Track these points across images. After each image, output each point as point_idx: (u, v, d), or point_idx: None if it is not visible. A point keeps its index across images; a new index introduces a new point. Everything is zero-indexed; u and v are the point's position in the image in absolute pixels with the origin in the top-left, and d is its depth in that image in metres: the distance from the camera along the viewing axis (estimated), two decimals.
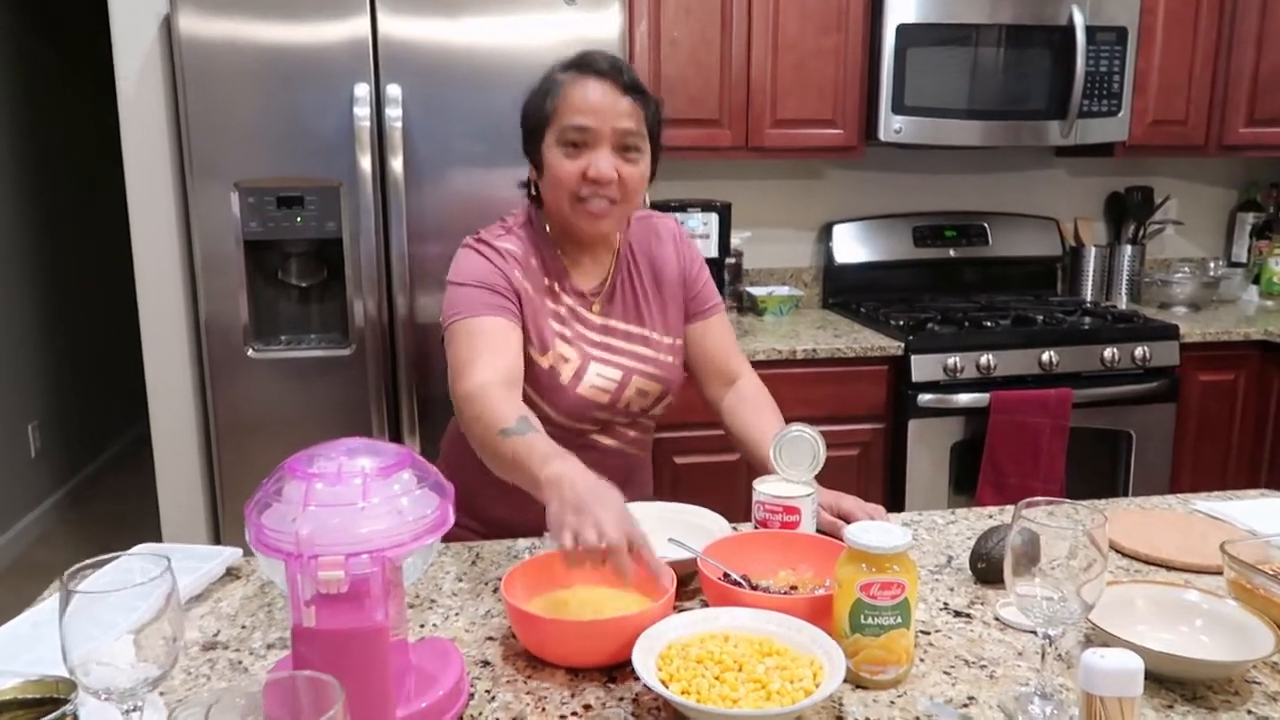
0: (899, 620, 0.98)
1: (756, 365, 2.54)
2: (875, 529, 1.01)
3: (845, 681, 0.99)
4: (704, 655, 0.96)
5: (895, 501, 2.74)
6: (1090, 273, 3.31)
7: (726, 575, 1.15)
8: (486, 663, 1.05)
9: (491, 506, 1.51)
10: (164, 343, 2.47)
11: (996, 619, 1.14)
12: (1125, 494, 2.85)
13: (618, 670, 1.02)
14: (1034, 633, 1.01)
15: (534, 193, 1.49)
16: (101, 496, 4.36)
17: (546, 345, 1.43)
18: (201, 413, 2.48)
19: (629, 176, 1.38)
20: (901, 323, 2.79)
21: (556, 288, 1.47)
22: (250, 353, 2.34)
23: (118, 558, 0.89)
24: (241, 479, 2.39)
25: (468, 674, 1.02)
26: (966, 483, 2.74)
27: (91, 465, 4.50)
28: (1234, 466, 2.96)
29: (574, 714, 0.95)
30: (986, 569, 1.22)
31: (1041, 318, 2.85)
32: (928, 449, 2.71)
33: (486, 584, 1.25)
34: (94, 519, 4.12)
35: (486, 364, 1.33)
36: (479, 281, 1.40)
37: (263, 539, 0.88)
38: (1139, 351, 2.77)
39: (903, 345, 2.67)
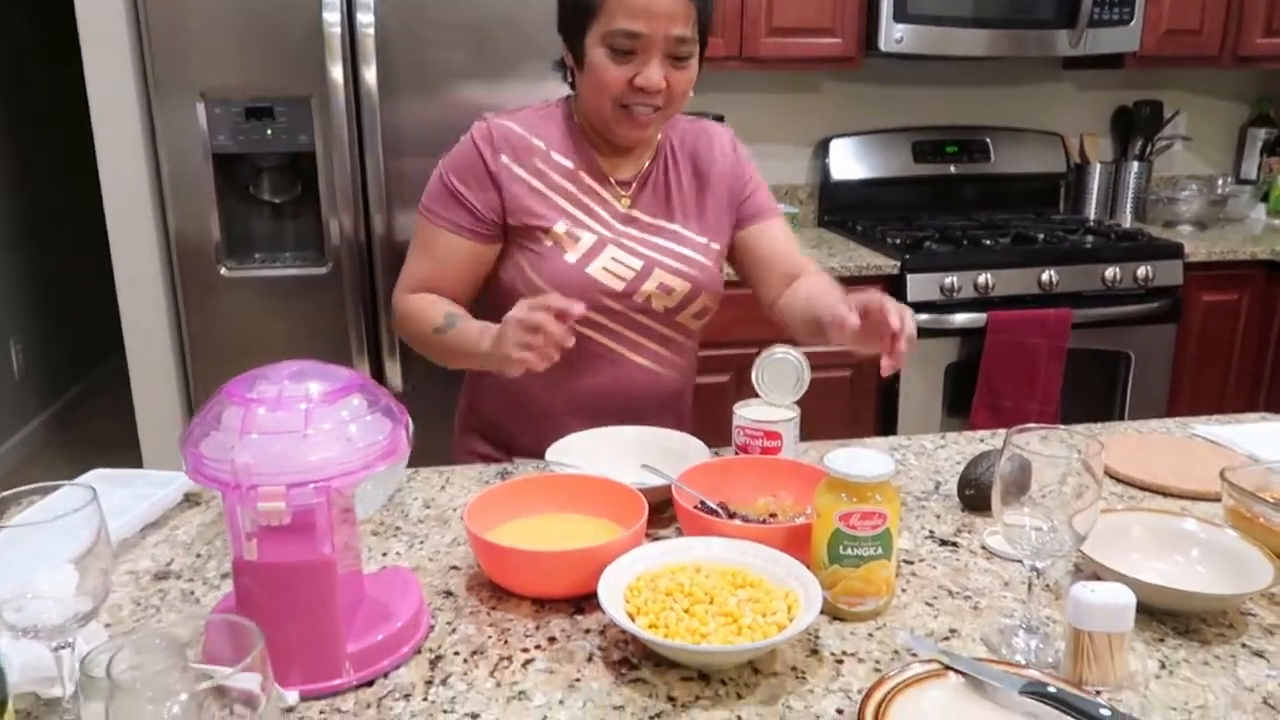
0: (879, 551, 0.93)
1: (743, 286, 2.48)
2: (857, 457, 0.95)
3: (823, 613, 0.95)
4: (674, 587, 0.91)
5: (887, 425, 2.70)
6: (1094, 190, 3.21)
7: (702, 503, 1.10)
8: (449, 593, 1.01)
9: (515, 436, 1.47)
10: (135, 262, 2.39)
11: (983, 548, 1.10)
12: (1121, 417, 2.81)
13: (585, 601, 0.97)
14: (1021, 562, 0.96)
15: (569, 78, 1.41)
16: (87, 418, 4.32)
17: (547, 223, 1.36)
18: (176, 334, 2.42)
19: (678, 83, 1.31)
20: (898, 241, 2.71)
21: (582, 172, 1.40)
22: (223, 271, 2.27)
23: (59, 487, 0.83)
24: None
25: (428, 605, 0.98)
26: (961, 405, 2.69)
27: (76, 387, 4.46)
28: (1233, 389, 2.91)
29: (538, 647, 0.91)
30: (975, 496, 1.17)
31: (1042, 236, 2.77)
32: (922, 371, 2.66)
33: (455, 510, 1.20)
34: (80, 441, 4.09)
35: (423, 279, 1.41)
36: (451, 177, 1.38)
37: (200, 469, 0.82)
38: (1141, 271, 2.69)
39: (899, 264, 2.60)
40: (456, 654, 0.90)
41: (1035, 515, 0.88)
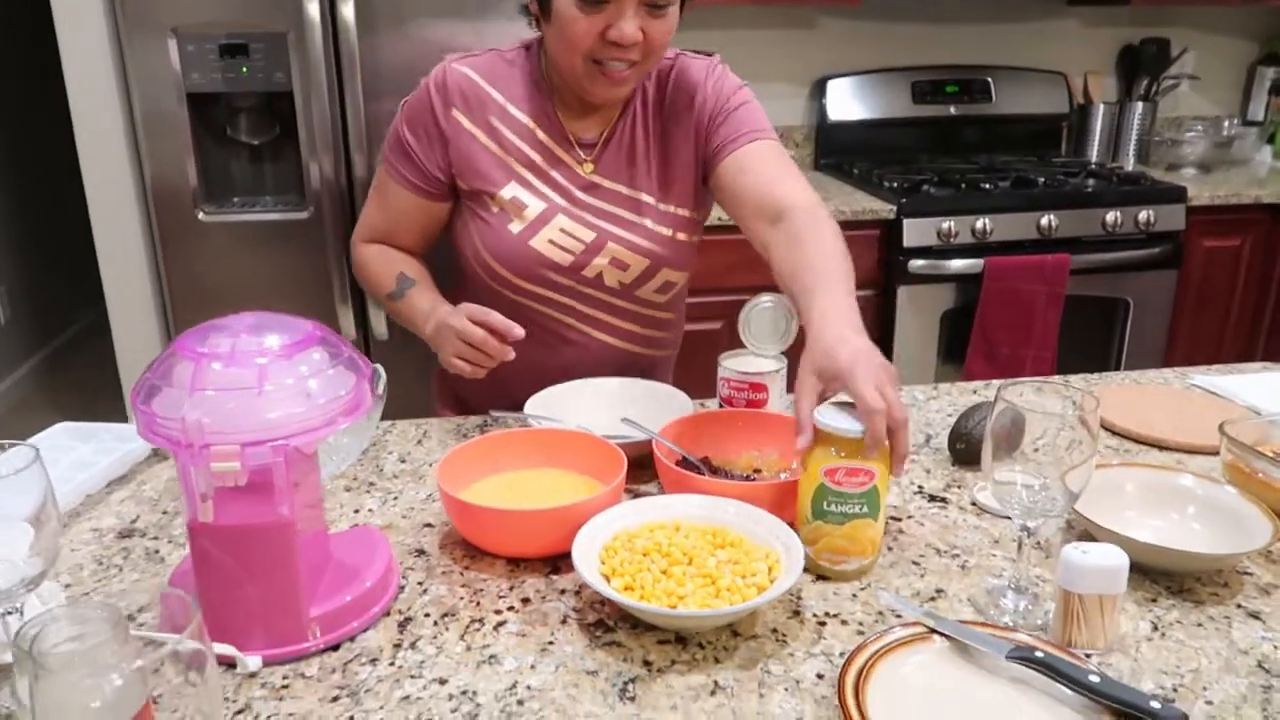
0: (865, 509, 0.90)
1: (737, 230, 2.41)
2: (847, 411, 0.91)
3: (806, 571, 0.92)
4: (651, 547, 0.88)
5: None
6: (1097, 132, 3.13)
7: (684, 459, 1.06)
8: (421, 552, 0.98)
9: (471, 393, 1.42)
10: (111, 207, 2.33)
11: (973, 504, 1.07)
12: (1118, 364, 2.77)
13: (562, 560, 0.94)
14: (1011, 519, 0.93)
15: (536, 25, 1.27)
16: (74, 366, 4.28)
17: (494, 188, 1.28)
18: (156, 280, 2.36)
19: (655, 34, 1.17)
20: (895, 184, 2.64)
21: (540, 131, 1.29)
22: (201, 216, 2.20)
23: (8, 447, 0.79)
24: None
25: (399, 565, 0.95)
26: (956, 352, 2.65)
27: (63, 334, 4.41)
28: (1231, 336, 2.87)
29: (511, 608, 0.88)
30: (966, 450, 1.14)
31: (1043, 179, 2.70)
32: (917, 317, 2.61)
33: (431, 465, 1.17)
34: (66, 388, 4.06)
35: (376, 230, 1.38)
36: (403, 127, 1.31)
37: (152, 427, 0.78)
38: (1143, 215, 2.63)
39: (895, 208, 2.54)
40: (427, 616, 0.87)
41: (1027, 472, 0.85)
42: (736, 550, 0.88)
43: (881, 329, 2.63)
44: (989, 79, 3.10)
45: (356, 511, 1.06)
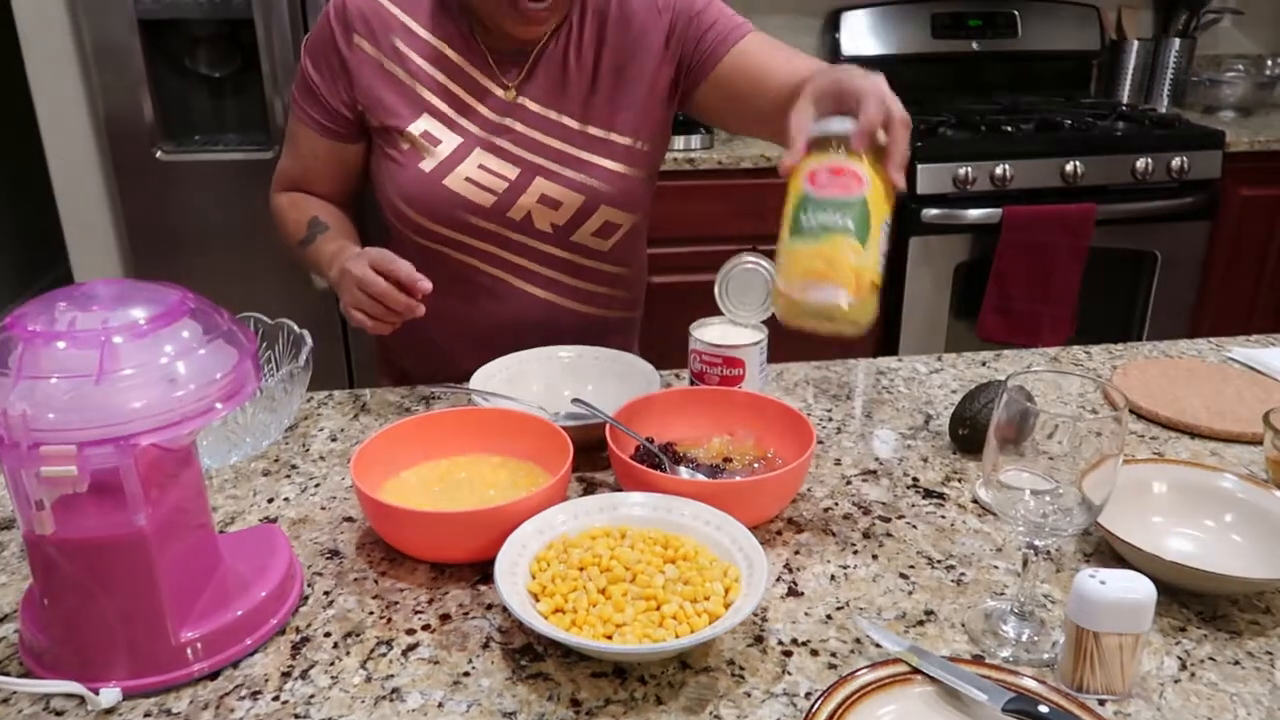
0: (847, 224, 0.74)
1: (736, 175, 2.25)
2: (844, 119, 0.79)
3: (779, 317, 0.81)
4: (589, 560, 0.75)
5: (890, 328, 2.51)
6: (1130, 70, 2.92)
7: (644, 445, 0.93)
8: (335, 553, 0.85)
9: (400, 356, 1.29)
10: (68, 146, 2.19)
11: (975, 501, 0.93)
12: (1143, 323, 2.61)
13: (492, 566, 0.81)
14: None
15: None
16: None
17: (402, 122, 1.13)
18: (117, 225, 2.23)
19: None
20: (910, 127, 2.45)
21: (452, 53, 1.13)
22: (160, 155, 2.06)
23: None
24: None
25: (303, 570, 0.82)
26: (969, 309, 2.49)
27: (23, 297, 4.25)
28: (1266, 293, 2.69)
29: (426, 627, 0.75)
30: (970, 436, 1.00)
31: (1069, 122, 2.51)
32: (929, 270, 2.45)
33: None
34: None
35: (288, 174, 1.25)
36: (306, 61, 1.16)
37: None
38: (1176, 161, 2.44)
39: (909, 153, 2.35)
40: (327, 636, 0.75)
41: (1036, 473, 0.70)
42: (689, 566, 0.74)
43: (890, 282, 2.47)
44: (1015, 12, 2.88)
45: (270, 501, 0.93)
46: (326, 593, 0.80)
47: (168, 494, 0.70)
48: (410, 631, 0.75)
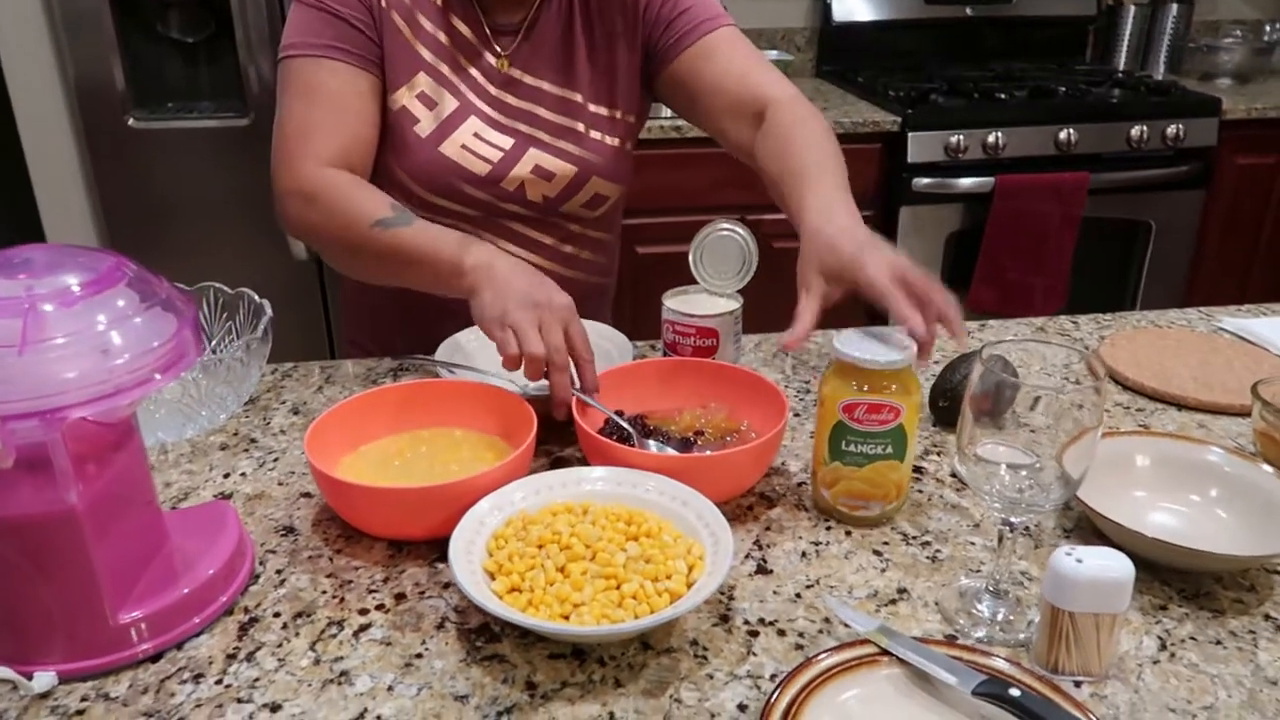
0: (889, 450, 0.78)
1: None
2: (872, 338, 0.79)
3: (821, 513, 0.83)
4: (548, 537, 0.72)
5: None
6: (1127, 36, 2.87)
7: (613, 418, 0.90)
8: (290, 530, 0.82)
9: (389, 328, 1.25)
10: (39, 116, 2.14)
11: (954, 475, 0.90)
12: (1135, 293, 2.58)
13: None
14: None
15: None
16: None
17: (398, 80, 1.07)
18: (91, 196, 2.18)
19: None
20: (901, 94, 2.41)
21: (455, 18, 1.08)
22: (132, 122, 2.02)
23: None
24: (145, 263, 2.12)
25: (254, 548, 0.79)
26: (961, 279, 2.46)
27: None
28: (1261, 265, 2.66)
29: (380, 607, 0.73)
30: (950, 409, 0.97)
31: (1063, 89, 2.47)
32: (920, 240, 2.41)
33: None
34: None
35: (326, 140, 1.01)
36: None
37: None
38: (1172, 129, 2.40)
39: (900, 120, 2.31)
40: (276, 616, 0.72)
41: (1013, 447, 0.68)
42: (652, 544, 0.71)
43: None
44: None
45: (226, 476, 0.90)
46: (279, 571, 0.77)
47: (105, 469, 0.67)
48: (363, 611, 0.72)
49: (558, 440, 0.95)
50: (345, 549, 0.80)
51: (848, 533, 0.81)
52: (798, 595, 0.74)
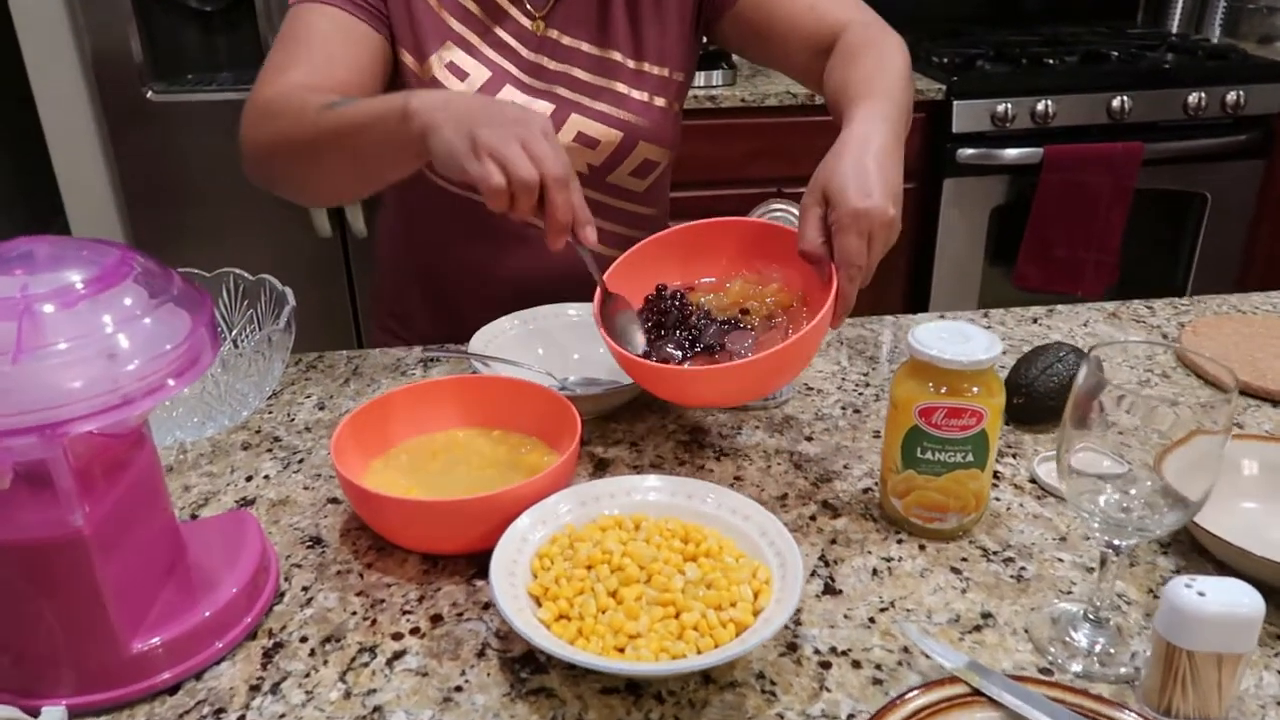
0: (969, 459, 0.71)
1: (760, 113, 2.11)
2: (952, 333, 0.71)
3: (893, 525, 0.76)
4: (598, 557, 0.65)
5: (920, 275, 2.39)
6: None
7: (655, 297, 0.84)
8: (317, 541, 0.76)
9: (419, 316, 1.18)
10: (56, 90, 2.07)
11: (1033, 481, 0.83)
12: (1189, 270, 2.47)
13: (490, 558, 0.72)
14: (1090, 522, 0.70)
15: None
16: None
17: (426, 49, 1.00)
18: (111, 171, 2.12)
19: None
20: (945, 60, 2.31)
21: None
22: (151, 95, 1.95)
23: None
24: (164, 244, 2.07)
25: (279, 563, 0.73)
26: (1006, 254, 2.37)
27: None
28: None
29: (415, 630, 0.67)
30: (1025, 406, 0.89)
31: (1116, 54, 2.35)
32: (964, 213, 2.32)
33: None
34: None
35: (298, 75, 0.92)
36: None
37: None
38: (1231, 96, 2.28)
39: (944, 88, 2.21)
40: (304, 641, 0.66)
41: (1103, 450, 0.61)
42: (713, 566, 0.65)
43: (923, 226, 2.35)
44: None
45: (249, 479, 0.84)
46: (305, 588, 0.71)
47: (115, 484, 0.61)
48: (397, 636, 0.66)
49: (602, 440, 0.88)
50: (376, 562, 0.74)
51: (921, 547, 0.74)
52: (871, 620, 0.67)
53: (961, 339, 0.71)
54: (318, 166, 0.89)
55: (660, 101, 1.06)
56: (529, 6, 1.03)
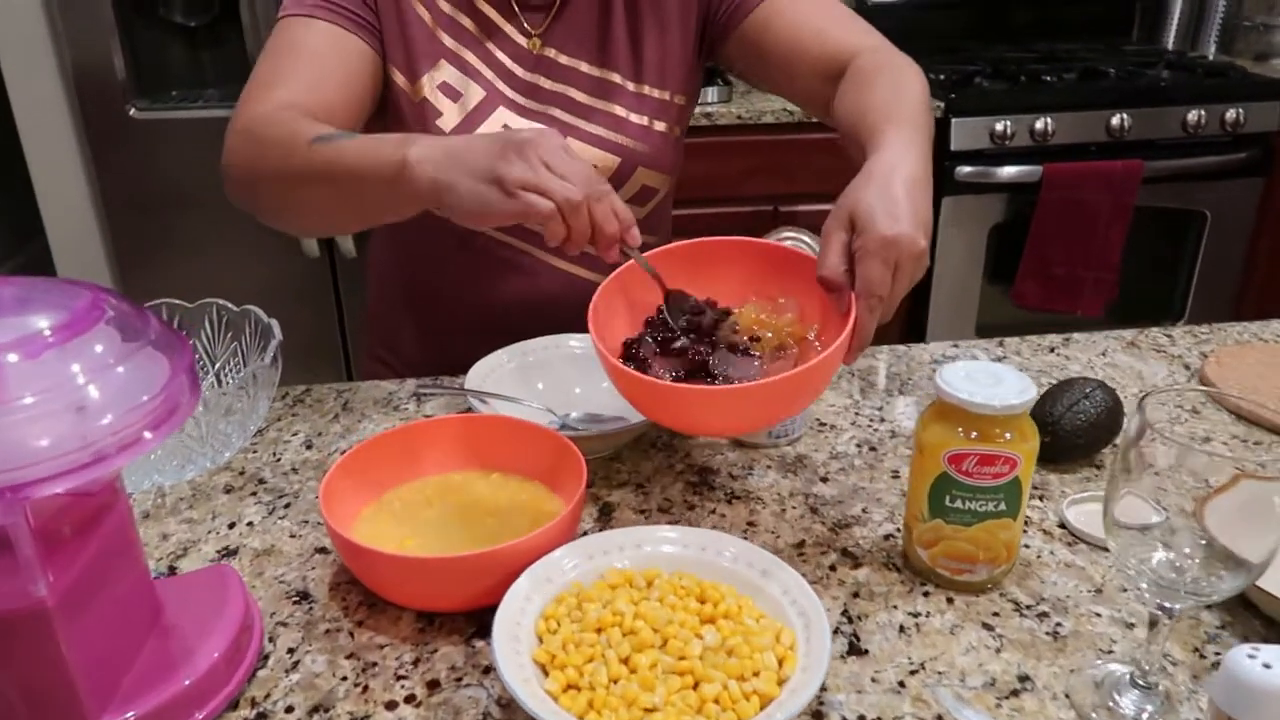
0: (1002, 507, 0.67)
1: (757, 130, 2.08)
2: (983, 375, 0.67)
3: (917, 576, 0.72)
4: (609, 618, 0.61)
5: (919, 294, 2.36)
6: (1176, 14, 2.72)
7: (655, 318, 0.78)
8: (304, 595, 0.71)
9: (410, 345, 1.14)
10: (36, 107, 2.02)
11: (1062, 526, 0.78)
12: (1188, 288, 2.45)
13: (492, 615, 0.67)
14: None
15: None
16: None
17: (418, 70, 0.96)
18: (92, 191, 2.07)
19: None
20: (942, 78, 2.28)
21: None
22: (134, 113, 1.90)
23: None
24: (147, 266, 2.02)
25: (263, 622, 0.68)
26: (1004, 273, 2.34)
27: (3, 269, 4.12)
28: None
29: (410, 699, 0.62)
30: (1052, 446, 0.85)
31: (1113, 71, 2.33)
32: (962, 232, 2.29)
33: (345, 452, 0.89)
34: None
35: (287, 92, 0.87)
36: None
37: None
38: (1231, 114, 2.27)
39: (942, 105, 2.18)
40: (289, 711, 0.61)
41: (1140, 494, 0.57)
42: (734, 630, 0.60)
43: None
44: None
45: (232, 526, 0.79)
46: (291, 650, 0.66)
47: (84, 546, 0.56)
48: (390, 705, 0.61)
49: (606, 481, 0.84)
50: (368, 620, 0.69)
51: (950, 600, 0.70)
52: (901, 684, 0.63)
53: (992, 380, 0.67)
54: (307, 203, 0.85)
55: (660, 126, 1.02)
56: (526, 24, 0.99)
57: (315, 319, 2.06)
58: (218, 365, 0.94)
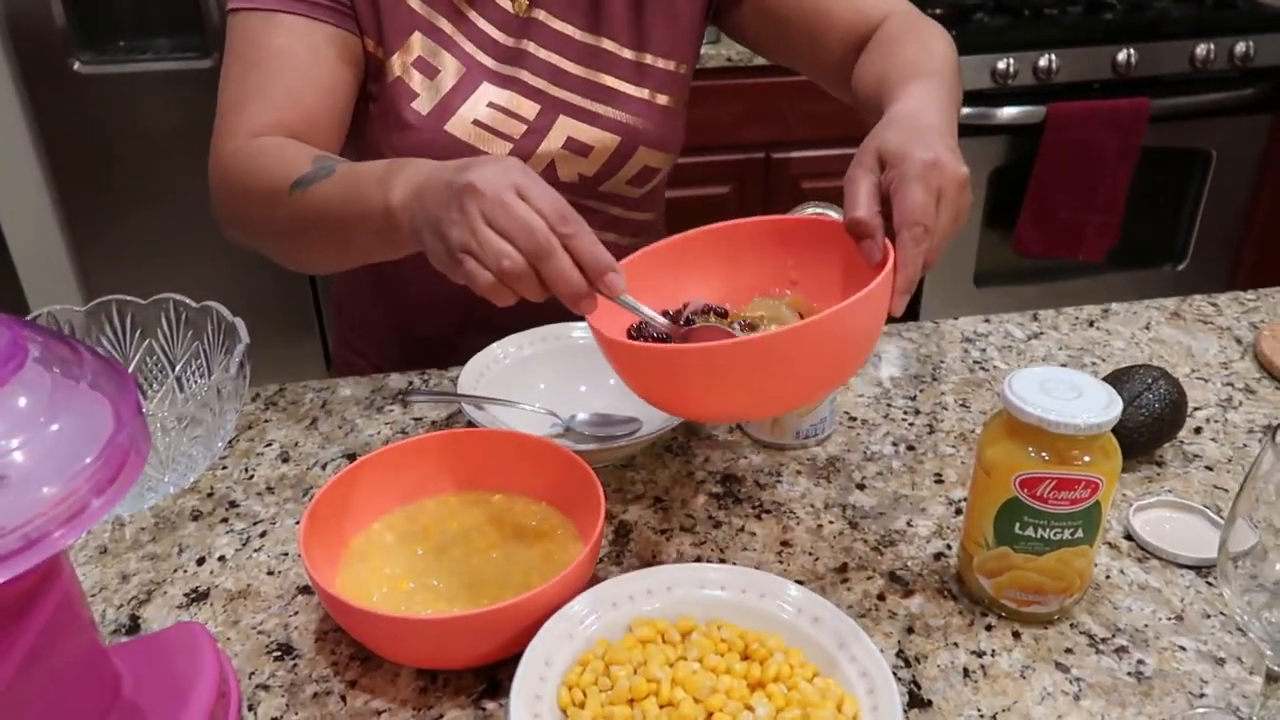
0: (1080, 534, 0.60)
1: (753, 73, 1.97)
2: (1054, 384, 0.59)
3: (976, 603, 0.65)
4: (643, 688, 0.53)
5: None
6: None
7: (638, 329, 0.66)
8: (287, 650, 0.63)
9: (381, 335, 1.03)
10: None
11: (1129, 538, 0.71)
12: (1190, 230, 2.38)
13: (501, 670, 0.59)
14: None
15: None
16: None
17: (392, 44, 0.84)
18: (39, 152, 1.92)
19: None
20: (940, 12, 2.16)
21: None
22: (78, 66, 1.76)
23: None
24: (99, 231, 1.89)
25: (239, 688, 0.60)
26: (1004, 218, 2.25)
27: None
28: None
29: None
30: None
31: (1119, 3, 2.22)
32: None
33: (325, 467, 0.80)
34: None
35: (260, 112, 0.78)
36: None
37: None
38: (1240, 47, 2.17)
39: None
40: None
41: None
42: (789, 698, 0.52)
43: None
44: None
45: (200, 563, 0.70)
46: (275, 718, 0.58)
47: (23, 633, 0.47)
48: None
49: (618, 495, 0.75)
50: (361, 678, 0.60)
51: (1015, 635, 0.63)
52: None
53: (1071, 392, 0.58)
54: (307, 255, 0.79)
55: (664, 99, 0.91)
56: None
57: (286, 294, 1.94)
58: (178, 368, 0.84)
